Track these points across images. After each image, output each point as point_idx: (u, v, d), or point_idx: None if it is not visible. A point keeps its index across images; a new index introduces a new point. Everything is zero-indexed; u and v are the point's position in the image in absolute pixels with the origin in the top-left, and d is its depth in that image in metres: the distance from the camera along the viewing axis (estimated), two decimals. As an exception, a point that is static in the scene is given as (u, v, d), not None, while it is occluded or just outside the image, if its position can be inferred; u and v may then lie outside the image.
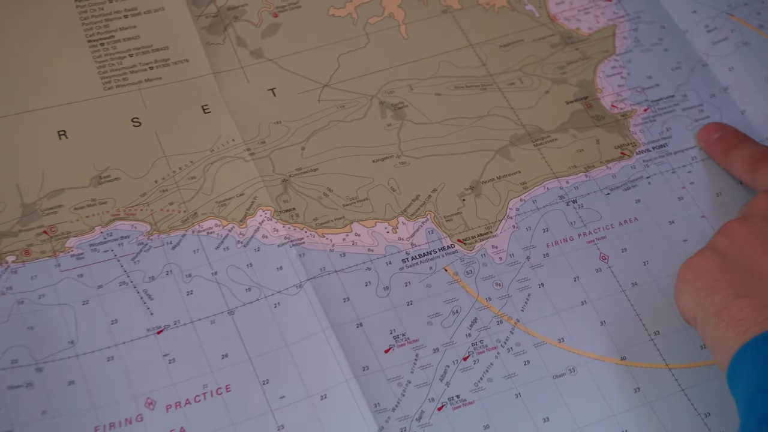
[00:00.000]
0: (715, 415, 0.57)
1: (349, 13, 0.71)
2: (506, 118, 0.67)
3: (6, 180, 0.62)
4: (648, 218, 0.64)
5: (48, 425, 0.55)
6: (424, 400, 0.57)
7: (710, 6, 0.72)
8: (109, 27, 0.68)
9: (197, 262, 0.61)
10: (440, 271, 0.61)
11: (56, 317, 0.58)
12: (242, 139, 0.65)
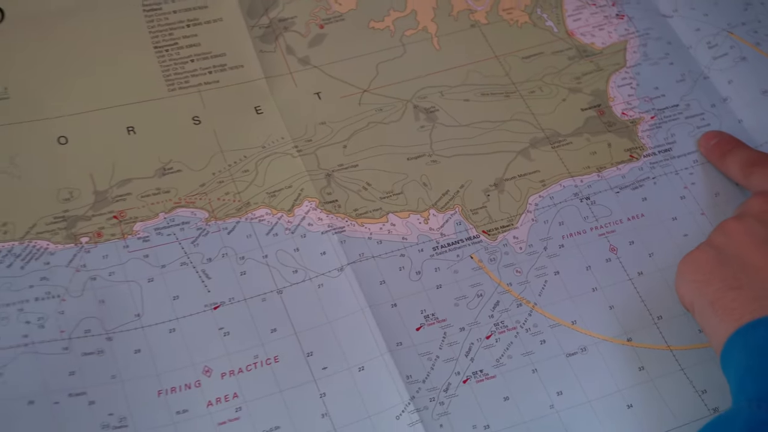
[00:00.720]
0: (711, 392, 0.57)
1: (387, 26, 0.71)
2: (527, 122, 0.68)
3: (81, 170, 0.63)
4: (653, 214, 0.64)
5: (116, 388, 0.55)
6: (450, 374, 0.57)
7: (712, 25, 0.72)
8: (173, 35, 0.69)
9: (250, 246, 0.61)
10: (466, 259, 0.62)
11: (124, 292, 0.59)
12: (290, 137, 0.66)
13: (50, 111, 0.65)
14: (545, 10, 0.73)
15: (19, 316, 0.57)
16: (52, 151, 0.64)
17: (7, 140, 0.63)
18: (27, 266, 0.59)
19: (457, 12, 0.72)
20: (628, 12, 0.73)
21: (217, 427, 0.55)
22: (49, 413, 0.54)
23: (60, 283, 0.59)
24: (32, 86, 0.66)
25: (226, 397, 0.56)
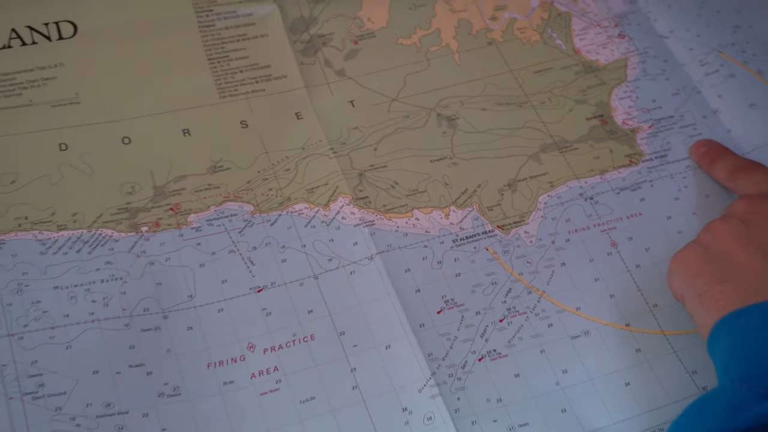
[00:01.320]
0: (700, 372, 0.57)
1: (413, 42, 0.71)
2: (538, 129, 0.67)
3: (142, 167, 0.63)
4: (650, 214, 0.63)
5: (171, 361, 0.55)
6: (467, 353, 0.57)
7: (704, 45, 0.71)
8: (224, 48, 0.68)
9: (290, 236, 0.61)
10: (482, 250, 0.61)
11: (179, 276, 0.58)
12: (327, 140, 0.65)
13: (116, 115, 0.65)
14: (555, 29, 0.72)
15: (86, 295, 0.57)
16: (117, 150, 0.63)
17: (77, 140, 0.63)
18: (94, 251, 0.59)
19: (476, 31, 0.72)
20: (629, 32, 0.72)
21: (259, 396, 0.55)
22: (112, 382, 0.54)
23: (122, 267, 0.58)
24: (100, 92, 0.66)
25: (268, 370, 0.56)
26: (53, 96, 0.65)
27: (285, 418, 0.54)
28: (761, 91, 0.69)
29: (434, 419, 0.54)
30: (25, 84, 0.65)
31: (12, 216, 0.59)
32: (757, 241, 0.53)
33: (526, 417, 0.55)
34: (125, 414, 0.53)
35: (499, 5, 0.73)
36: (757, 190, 0.58)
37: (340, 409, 0.55)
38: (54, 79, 0.65)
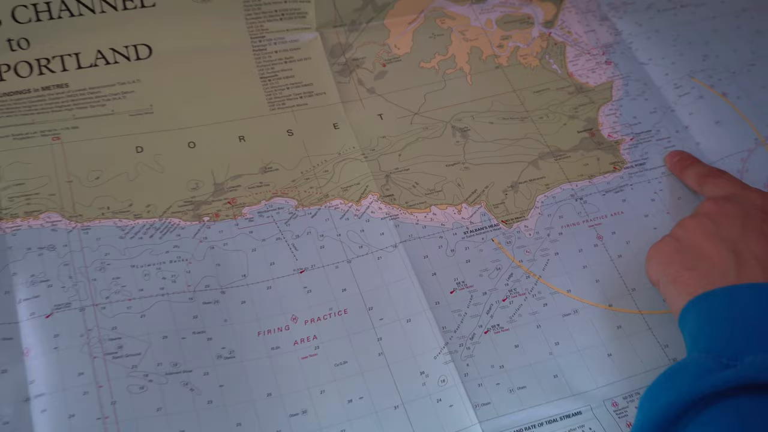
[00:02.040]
0: (671, 346, 0.56)
1: (433, 66, 0.70)
2: (536, 140, 0.67)
3: (204, 167, 0.63)
4: (630, 212, 0.63)
5: (228, 329, 0.55)
6: (475, 326, 0.57)
7: (677, 71, 0.71)
8: (274, 69, 0.69)
9: (327, 227, 0.61)
10: (489, 241, 0.61)
11: (234, 258, 0.59)
12: (359, 146, 0.65)
13: (183, 123, 0.65)
14: (552, 56, 0.72)
15: (157, 273, 0.57)
16: (184, 153, 0.64)
17: (151, 144, 0.64)
18: (164, 237, 0.59)
19: (485, 57, 0.71)
20: (614, 60, 0.72)
21: (300, 360, 0.55)
22: (179, 345, 0.54)
23: (187, 250, 0.59)
24: (170, 104, 0.66)
25: (308, 338, 0.56)
26: (131, 107, 0.65)
27: (322, 379, 0.54)
28: (725, 110, 0.68)
29: (447, 381, 0.54)
30: (108, 96, 0.65)
31: (96, 206, 0.60)
32: (721, 236, 0.53)
33: (524, 381, 0.55)
34: (189, 372, 0.53)
35: (504, 35, 0.73)
36: (722, 193, 0.58)
37: (368, 371, 0.55)
38: (132, 92, 0.66)
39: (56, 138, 0.63)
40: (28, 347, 0.53)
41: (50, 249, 0.57)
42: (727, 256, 0.52)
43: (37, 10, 0.64)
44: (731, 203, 0.56)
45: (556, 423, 0.53)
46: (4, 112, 0.63)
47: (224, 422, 0.52)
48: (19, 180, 0.60)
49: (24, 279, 0.56)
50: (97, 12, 0.65)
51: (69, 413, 0.51)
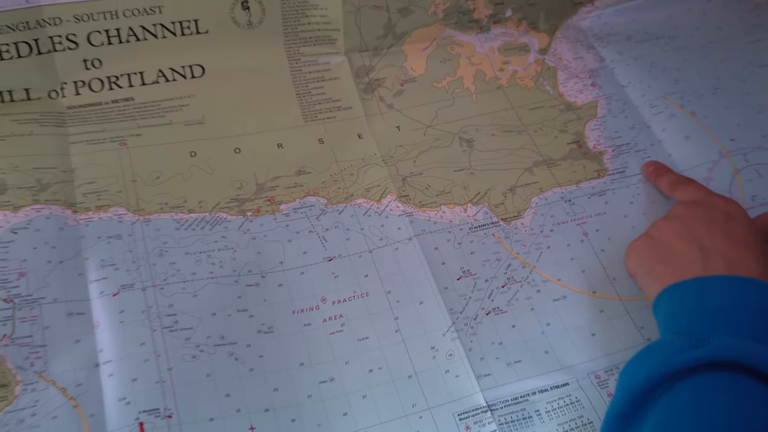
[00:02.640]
0: (646, 328, 0.56)
1: (443, 86, 0.71)
2: (532, 150, 0.67)
3: (248, 170, 0.63)
4: (612, 213, 0.63)
5: (266, 308, 0.56)
6: (478, 309, 0.57)
7: (653, 93, 0.71)
8: (308, 87, 0.69)
9: (352, 222, 0.61)
10: (490, 236, 0.61)
11: (273, 247, 0.59)
12: (380, 154, 0.65)
13: (230, 132, 0.65)
14: (545, 79, 0.72)
15: (207, 259, 0.57)
16: (230, 157, 0.64)
17: (203, 150, 0.64)
18: (213, 229, 0.59)
19: (488, 79, 0.72)
20: (599, 82, 0.72)
21: (328, 335, 0.55)
22: (225, 321, 0.55)
23: (233, 240, 0.59)
24: (219, 116, 0.66)
25: (335, 317, 0.56)
26: (186, 118, 0.66)
27: (347, 351, 0.55)
28: (694, 127, 0.68)
29: (454, 355, 0.55)
30: (167, 109, 0.66)
31: (156, 202, 0.60)
32: (690, 235, 0.53)
33: (520, 356, 0.55)
34: (234, 344, 0.54)
35: (505, 61, 0.73)
36: (691, 198, 0.58)
37: (386, 346, 0.55)
38: (187, 105, 0.66)
39: (123, 144, 0.63)
40: (97, 321, 0.54)
41: (117, 238, 0.58)
42: (695, 252, 0.52)
43: (109, 35, 0.64)
44: (699, 207, 0.56)
45: (546, 392, 0.53)
46: (80, 121, 0.64)
47: (263, 387, 0.52)
48: (91, 179, 0.61)
49: (95, 263, 0.56)
50: (159, 37, 0.66)
51: (132, 377, 0.51)
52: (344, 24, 0.69)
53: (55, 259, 0.56)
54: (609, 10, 0.77)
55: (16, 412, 0.49)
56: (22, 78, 0.63)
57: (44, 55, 0.63)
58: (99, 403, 0.50)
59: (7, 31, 0.61)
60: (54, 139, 0.62)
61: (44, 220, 0.57)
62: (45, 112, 0.64)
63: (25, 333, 0.52)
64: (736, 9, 0.79)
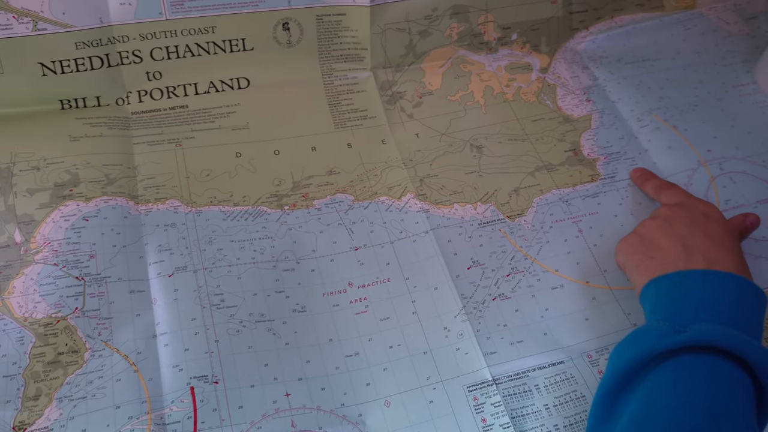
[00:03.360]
0: (633, 314, 0.54)
1: (457, 99, 0.69)
2: (534, 157, 0.65)
3: (286, 169, 0.62)
4: (604, 213, 0.61)
5: (300, 291, 0.55)
6: (485, 294, 0.55)
7: (640, 108, 0.69)
8: (338, 98, 0.67)
9: (376, 216, 0.59)
10: (497, 231, 0.59)
11: (306, 237, 0.58)
12: (401, 158, 0.64)
13: (271, 136, 0.64)
14: (546, 95, 0.70)
15: (250, 246, 0.57)
16: (270, 158, 0.63)
17: (247, 151, 0.63)
18: (255, 220, 0.58)
19: (496, 93, 0.69)
20: (593, 98, 0.70)
21: (354, 315, 0.54)
22: (265, 301, 0.54)
23: (272, 230, 0.58)
24: (262, 122, 0.65)
25: (360, 299, 0.55)
26: (233, 123, 0.64)
27: (370, 330, 0.53)
28: (676, 139, 0.66)
29: (464, 335, 0.53)
30: (216, 115, 0.65)
31: (206, 196, 0.59)
32: (674, 233, 0.52)
33: (522, 336, 0.53)
34: (272, 321, 0.53)
35: (510, 78, 0.71)
36: (674, 201, 0.57)
37: (404, 326, 0.54)
38: (234, 113, 0.65)
39: (179, 145, 0.62)
40: (155, 298, 0.53)
41: (172, 226, 0.57)
42: (678, 248, 0.50)
43: (168, 51, 0.63)
44: (681, 209, 0.55)
45: (544, 369, 0.52)
46: (142, 125, 0.63)
47: (297, 359, 0.51)
48: (151, 175, 0.60)
49: (153, 248, 0.55)
50: (211, 53, 0.64)
51: (185, 347, 0.50)
52: (371, 44, 0.67)
53: (119, 244, 0.55)
54: (602, 35, 0.75)
55: (86, 375, 0.48)
56: (94, 87, 0.62)
57: (113, 68, 0.62)
58: (156, 369, 0.49)
59: (83, 47, 0.60)
60: (120, 140, 0.61)
61: (111, 210, 0.56)
62: (113, 117, 0.63)
63: (93, 307, 0.51)
64: (712, 37, 0.76)
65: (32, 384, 0.48)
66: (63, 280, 0.52)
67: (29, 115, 0.61)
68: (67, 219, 0.55)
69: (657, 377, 0.42)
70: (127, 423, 0.47)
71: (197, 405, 0.48)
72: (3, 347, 0.49)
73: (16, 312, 0.50)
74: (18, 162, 0.58)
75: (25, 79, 0.60)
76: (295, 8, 0.64)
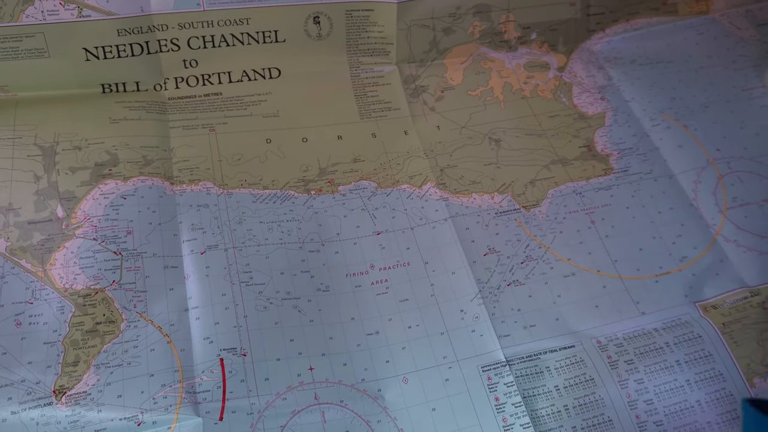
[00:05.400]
0: (642, 303, 0.54)
1: (477, 94, 0.68)
2: (549, 151, 0.64)
3: (313, 156, 0.62)
4: (615, 204, 0.60)
5: (325, 271, 0.54)
6: (500, 280, 0.55)
7: (652, 108, 0.68)
8: (364, 90, 0.67)
9: (398, 203, 0.59)
10: (513, 220, 0.59)
11: (331, 221, 0.57)
12: (422, 148, 0.63)
13: (299, 124, 0.64)
14: (562, 92, 0.69)
15: (278, 228, 0.56)
16: (299, 145, 0.62)
17: (277, 138, 0.62)
18: (282, 204, 0.58)
19: (514, 90, 0.69)
20: (607, 97, 0.69)
21: (375, 296, 0.54)
22: (291, 280, 0.54)
23: (299, 213, 0.58)
24: (291, 110, 0.65)
25: (381, 281, 0.54)
26: (264, 111, 0.64)
27: (390, 310, 0.53)
28: (686, 138, 0.65)
29: (479, 318, 0.53)
30: (248, 103, 0.64)
31: (237, 179, 0.59)
32: None
33: (534, 321, 0.53)
34: (298, 299, 0.53)
35: (529, 75, 0.70)
36: None
37: (423, 307, 0.53)
38: (265, 101, 0.65)
39: (212, 130, 0.62)
40: (188, 273, 0.53)
41: (205, 207, 0.57)
42: None
43: (205, 40, 0.63)
44: None
45: (555, 352, 0.51)
46: (177, 110, 0.63)
47: (321, 335, 0.51)
48: (185, 158, 0.60)
49: (187, 226, 0.55)
50: (245, 44, 0.64)
51: (215, 321, 0.50)
52: (397, 39, 0.67)
53: (155, 221, 0.55)
54: (617, 37, 0.74)
55: (122, 344, 0.49)
56: (134, 73, 0.62)
57: (152, 55, 0.62)
58: (188, 340, 0.49)
59: (125, 34, 0.60)
60: (157, 124, 0.61)
61: (148, 189, 0.56)
62: (150, 102, 0.63)
63: (129, 280, 0.51)
64: (723, 42, 0.75)
65: (71, 351, 0.48)
66: (101, 254, 0.52)
67: (72, 98, 0.61)
68: (106, 197, 0.56)
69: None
70: (160, 390, 0.47)
71: (226, 375, 0.48)
72: (44, 316, 0.49)
73: (57, 283, 0.51)
74: (61, 141, 0.58)
75: (69, 63, 0.60)
76: (326, 3, 0.64)
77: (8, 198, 0.54)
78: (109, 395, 0.46)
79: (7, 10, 0.57)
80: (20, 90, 0.60)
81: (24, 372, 0.46)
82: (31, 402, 0.45)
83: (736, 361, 0.51)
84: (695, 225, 0.59)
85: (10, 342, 0.47)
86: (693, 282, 0.55)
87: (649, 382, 0.50)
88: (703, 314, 0.53)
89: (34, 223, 0.53)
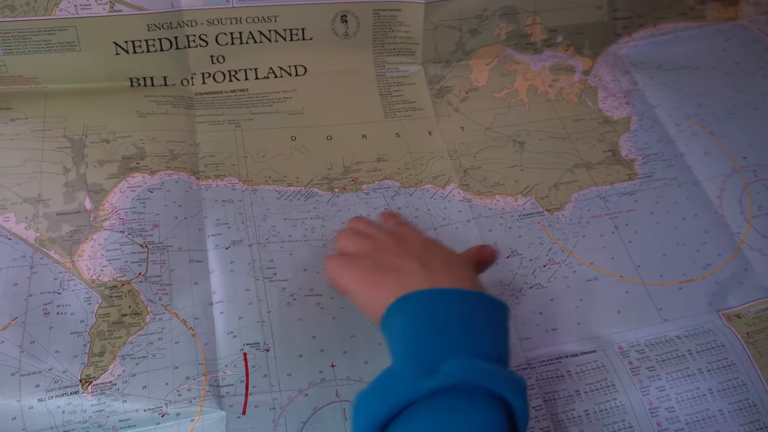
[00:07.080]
0: (664, 310, 0.54)
1: (501, 96, 0.68)
2: (573, 155, 0.64)
3: (337, 154, 0.62)
4: (639, 210, 0.60)
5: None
6: (522, 283, 0.55)
7: (678, 114, 0.67)
8: (389, 89, 0.67)
9: (421, 203, 0.59)
10: (536, 223, 0.59)
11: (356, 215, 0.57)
12: (446, 149, 0.63)
13: (324, 122, 0.64)
14: (587, 96, 0.69)
15: (302, 225, 0.57)
16: (323, 143, 0.63)
17: (301, 135, 0.63)
18: (306, 201, 0.58)
19: (539, 92, 0.69)
20: (633, 102, 0.69)
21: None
22: (314, 277, 0.54)
23: (323, 211, 0.58)
24: (316, 108, 0.65)
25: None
26: (289, 108, 0.65)
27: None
28: (712, 145, 0.65)
29: (501, 319, 0.53)
30: (273, 99, 0.65)
31: (262, 176, 0.59)
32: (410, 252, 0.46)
33: (556, 324, 0.53)
34: (321, 296, 0.53)
35: (554, 78, 0.70)
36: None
37: (444, 307, 0.54)
38: (291, 98, 0.65)
39: (238, 126, 0.62)
40: (212, 268, 0.53)
41: (230, 202, 0.57)
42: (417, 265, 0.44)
43: (233, 36, 0.63)
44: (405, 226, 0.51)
45: (576, 357, 0.51)
46: (204, 105, 0.63)
47: (343, 332, 0.51)
48: (211, 153, 0.60)
49: (212, 221, 0.56)
50: (272, 41, 0.65)
51: (239, 316, 0.51)
52: (423, 39, 0.67)
53: (181, 216, 0.55)
54: (644, 41, 0.73)
55: (147, 336, 0.49)
56: (162, 67, 0.63)
57: (180, 50, 0.63)
58: (212, 334, 0.50)
59: (155, 29, 0.61)
60: (184, 119, 0.62)
61: (174, 183, 0.57)
62: (178, 96, 0.63)
63: (155, 273, 0.52)
64: (751, 48, 0.75)
65: (97, 341, 0.48)
66: (128, 246, 0.53)
67: (101, 91, 0.62)
68: (133, 190, 0.56)
69: (412, 423, 0.36)
70: (184, 383, 0.47)
71: (249, 370, 0.48)
72: (72, 306, 0.50)
73: (85, 274, 0.51)
74: (90, 134, 0.59)
75: (99, 56, 0.61)
76: (354, 2, 0.64)
77: (38, 189, 0.55)
78: (134, 386, 0.47)
79: (41, 4, 0.58)
80: (50, 82, 0.61)
81: (51, 360, 0.47)
82: (57, 390, 0.46)
83: (759, 371, 0.50)
84: (720, 232, 0.58)
85: (38, 331, 0.48)
86: (717, 290, 0.55)
87: (671, 390, 0.50)
88: (726, 323, 0.53)
89: (62, 215, 0.54)
